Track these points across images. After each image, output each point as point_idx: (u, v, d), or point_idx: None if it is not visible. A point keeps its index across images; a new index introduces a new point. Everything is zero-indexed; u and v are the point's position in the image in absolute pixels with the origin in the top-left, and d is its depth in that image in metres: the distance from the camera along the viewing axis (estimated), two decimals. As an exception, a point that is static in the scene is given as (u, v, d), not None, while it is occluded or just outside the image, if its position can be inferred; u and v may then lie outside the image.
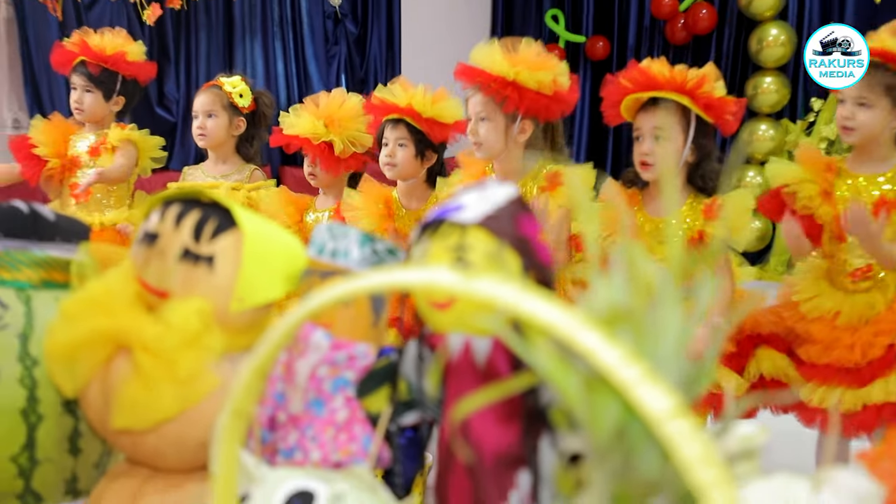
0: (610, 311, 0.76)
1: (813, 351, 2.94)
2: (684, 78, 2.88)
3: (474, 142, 3.08)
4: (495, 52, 3.03)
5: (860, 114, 2.90)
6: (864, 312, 2.88)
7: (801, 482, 0.97)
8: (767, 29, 7.34)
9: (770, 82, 7.31)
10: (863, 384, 2.84)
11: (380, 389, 1.27)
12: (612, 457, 0.75)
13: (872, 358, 2.84)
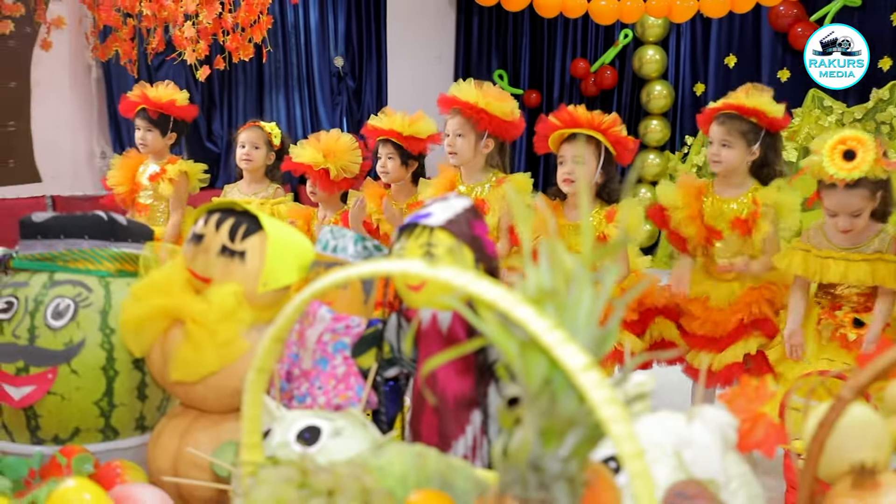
0: (538, 291, 0.74)
1: (694, 324, 2.95)
2: (600, 120, 2.92)
3: (451, 152, 3.14)
4: (470, 88, 3.11)
5: (724, 152, 2.91)
6: (728, 297, 2.90)
7: (679, 416, 0.96)
8: (653, 85, 7.37)
9: (656, 124, 7.35)
10: (721, 349, 2.85)
11: (369, 350, 1.26)
12: (540, 400, 0.74)
13: (727, 329, 2.85)
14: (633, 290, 0.79)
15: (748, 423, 1.00)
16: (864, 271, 2.49)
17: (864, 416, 0.92)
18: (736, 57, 7.10)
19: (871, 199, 2.47)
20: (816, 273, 2.58)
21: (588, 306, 0.75)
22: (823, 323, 2.61)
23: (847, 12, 6.62)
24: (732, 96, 2.97)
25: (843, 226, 2.49)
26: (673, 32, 7.35)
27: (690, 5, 5.99)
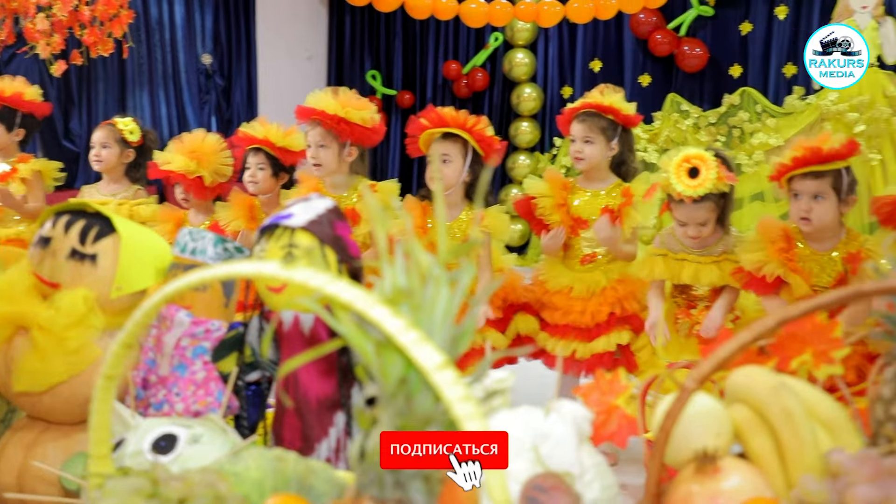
0: (394, 292, 0.74)
1: (556, 315, 3.03)
2: (466, 119, 2.95)
3: (315, 164, 3.09)
4: (328, 97, 3.07)
5: (586, 148, 3.02)
6: (590, 287, 2.99)
7: (537, 411, 0.99)
8: (523, 88, 7.54)
9: (526, 126, 7.52)
10: (591, 339, 2.94)
11: (230, 355, 1.23)
12: (397, 399, 0.74)
13: (599, 321, 2.95)
14: (487, 288, 0.80)
15: (602, 416, 1.03)
16: (714, 273, 2.65)
17: (707, 406, 0.96)
18: (601, 62, 7.34)
19: (715, 210, 2.63)
20: (675, 275, 2.72)
21: (444, 305, 0.76)
22: (681, 321, 2.74)
23: (701, 21, 6.97)
24: (589, 96, 3.11)
25: (692, 234, 2.65)
26: (541, 36, 7.53)
27: (557, 10, 6.16)
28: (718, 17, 6.94)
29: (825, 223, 2.47)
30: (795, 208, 2.49)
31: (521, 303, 3.12)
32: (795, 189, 2.49)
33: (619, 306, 2.94)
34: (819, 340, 1.03)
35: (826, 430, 0.96)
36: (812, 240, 2.54)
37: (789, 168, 2.49)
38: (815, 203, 2.45)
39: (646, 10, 6.54)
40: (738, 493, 0.88)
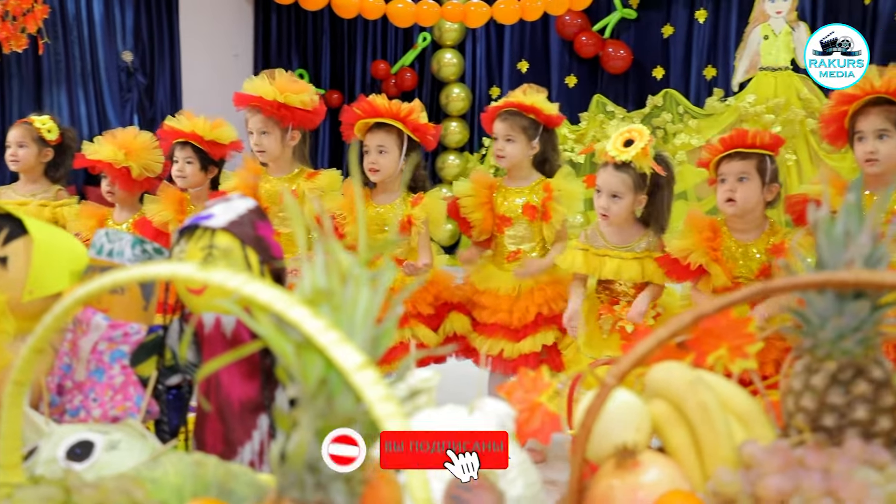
0: (314, 292, 0.74)
1: (484, 314, 3.06)
2: (399, 108, 3.00)
3: (258, 150, 3.09)
4: (265, 83, 3.09)
5: (508, 146, 3.07)
6: (517, 286, 3.03)
7: (461, 409, 0.99)
8: (452, 88, 7.57)
9: (455, 126, 7.55)
10: (518, 339, 2.97)
11: (149, 358, 1.20)
12: (317, 401, 0.73)
13: (526, 322, 2.98)
14: (409, 288, 0.80)
15: (526, 413, 1.04)
16: (634, 269, 2.71)
17: (627, 401, 0.98)
18: (528, 62, 7.42)
19: (632, 189, 2.67)
20: (595, 269, 2.76)
21: (365, 305, 0.76)
22: (604, 317, 2.79)
23: (624, 24, 7.11)
24: (512, 95, 3.16)
25: (601, 204, 2.69)
26: (469, 37, 7.58)
27: (484, 11, 6.21)
28: (641, 20, 7.09)
29: (749, 205, 2.57)
30: (721, 191, 2.59)
31: (455, 302, 3.15)
32: (722, 172, 2.60)
33: (546, 307, 2.98)
34: (734, 336, 1.06)
35: (741, 423, 0.99)
36: (737, 230, 2.62)
37: (719, 151, 2.61)
38: (739, 184, 2.56)
39: (571, 12, 6.64)
40: (657, 486, 0.90)
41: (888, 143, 2.45)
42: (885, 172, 2.50)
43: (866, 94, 2.49)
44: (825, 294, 0.92)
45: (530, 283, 3.02)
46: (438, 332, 3.13)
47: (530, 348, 2.96)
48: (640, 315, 2.65)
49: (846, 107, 2.56)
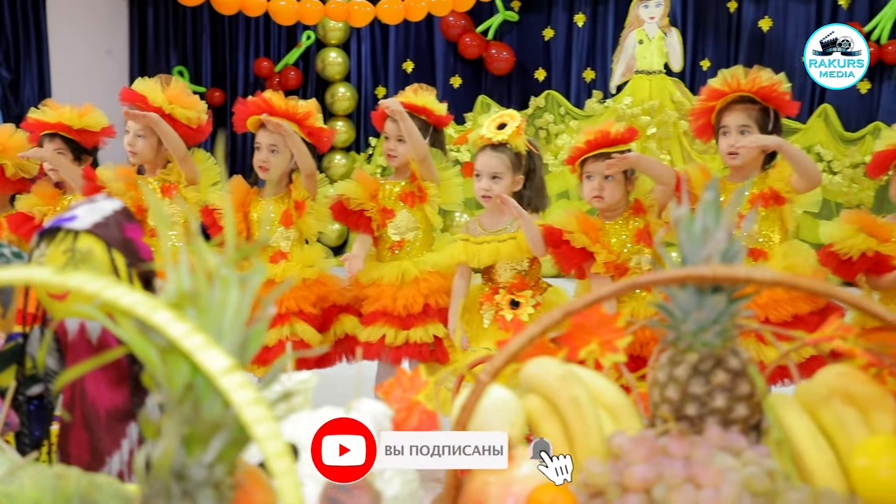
0: (178, 295, 0.72)
1: (367, 304, 3.06)
2: (295, 108, 2.99)
3: (132, 151, 3.03)
4: (156, 88, 3.05)
5: (399, 147, 3.09)
6: (400, 275, 3.04)
7: (337, 410, 0.98)
8: (337, 87, 7.51)
9: (341, 125, 7.49)
10: (405, 327, 2.98)
11: (8, 368, 1.14)
12: (183, 406, 0.71)
13: (413, 311, 2.99)
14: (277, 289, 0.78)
15: (403, 413, 1.04)
16: (511, 246, 2.78)
17: (501, 397, 1.00)
18: (413, 63, 7.45)
19: (510, 169, 2.75)
20: (474, 257, 2.82)
21: (233, 308, 0.74)
22: (485, 307, 2.83)
23: (507, 26, 7.23)
24: (403, 95, 3.17)
25: (483, 186, 2.76)
26: (354, 36, 7.53)
27: (368, 11, 6.18)
28: (523, 23, 7.22)
29: (616, 200, 2.76)
30: (588, 188, 2.77)
31: (344, 304, 3.13)
32: (588, 171, 2.77)
33: (433, 298, 3.00)
34: (604, 331, 1.09)
35: (610, 415, 1.02)
36: (606, 216, 2.82)
37: (584, 151, 2.76)
38: (605, 182, 2.73)
39: (455, 13, 6.69)
40: (531, 480, 0.91)
41: (749, 138, 2.63)
42: (745, 166, 2.70)
43: (733, 91, 2.65)
44: (687, 288, 0.96)
45: (414, 272, 3.04)
46: (328, 334, 3.10)
47: (421, 338, 2.97)
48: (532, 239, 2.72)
49: (714, 102, 2.73)
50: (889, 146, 2.60)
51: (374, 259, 3.16)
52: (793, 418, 0.93)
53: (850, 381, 0.96)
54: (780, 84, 2.68)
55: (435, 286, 3.01)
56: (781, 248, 2.66)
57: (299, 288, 2.99)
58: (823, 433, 0.93)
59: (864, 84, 6.61)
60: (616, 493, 0.86)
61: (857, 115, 6.59)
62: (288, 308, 2.93)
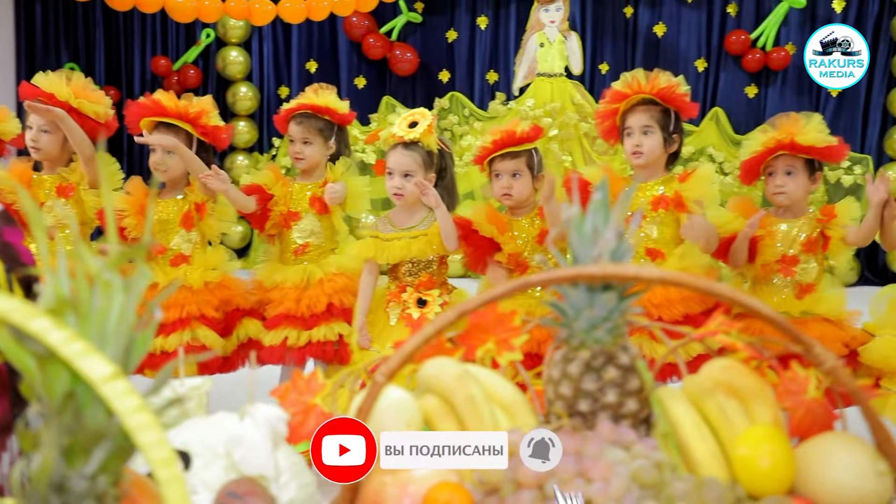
0: (57, 300, 0.69)
1: (271, 308, 3.02)
2: (187, 108, 2.93)
3: (35, 148, 2.95)
4: (60, 82, 2.97)
5: (306, 150, 3.08)
6: (304, 277, 3.01)
7: (232, 416, 0.96)
8: (239, 87, 7.37)
9: (244, 126, 7.35)
10: (308, 328, 2.95)
11: None
12: (64, 416, 0.68)
13: (316, 311, 2.96)
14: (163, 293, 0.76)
15: (300, 416, 1.03)
16: (422, 242, 2.79)
17: (398, 397, 1.00)
18: (317, 63, 7.37)
19: (422, 167, 2.76)
20: (382, 254, 2.82)
21: (117, 313, 0.72)
22: (392, 305, 2.83)
23: (411, 27, 7.24)
24: (304, 96, 3.14)
25: (395, 185, 2.77)
26: (255, 35, 7.40)
27: (269, 9, 6.09)
28: (427, 24, 7.25)
29: (524, 196, 2.82)
30: (498, 186, 2.82)
31: (248, 308, 3.07)
32: (496, 169, 2.83)
33: (337, 297, 2.98)
34: (501, 330, 1.10)
35: (506, 413, 1.03)
36: (512, 216, 2.87)
37: (491, 150, 2.81)
38: (514, 180, 2.80)
39: (358, 13, 6.66)
40: (427, 480, 0.92)
41: (651, 138, 2.74)
42: (648, 165, 2.80)
43: (635, 93, 2.74)
44: (578, 287, 0.98)
45: (319, 273, 3.02)
46: (231, 339, 3.04)
47: (325, 336, 2.95)
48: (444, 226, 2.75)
49: (617, 104, 2.80)
50: (752, 153, 2.73)
51: (276, 262, 3.12)
52: (679, 411, 0.96)
53: (733, 374, 1.00)
54: (678, 86, 2.78)
55: (339, 286, 2.99)
56: (678, 250, 2.76)
57: (201, 292, 2.92)
58: (708, 424, 0.96)
59: (751, 89, 6.91)
60: (510, 490, 0.88)
61: (745, 118, 6.88)
62: (189, 312, 2.86)
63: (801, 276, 2.70)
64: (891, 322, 2.66)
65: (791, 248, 2.70)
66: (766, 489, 0.87)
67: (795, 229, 2.72)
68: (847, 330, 2.67)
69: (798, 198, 2.72)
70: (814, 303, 2.68)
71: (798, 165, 2.68)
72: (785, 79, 6.93)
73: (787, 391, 0.97)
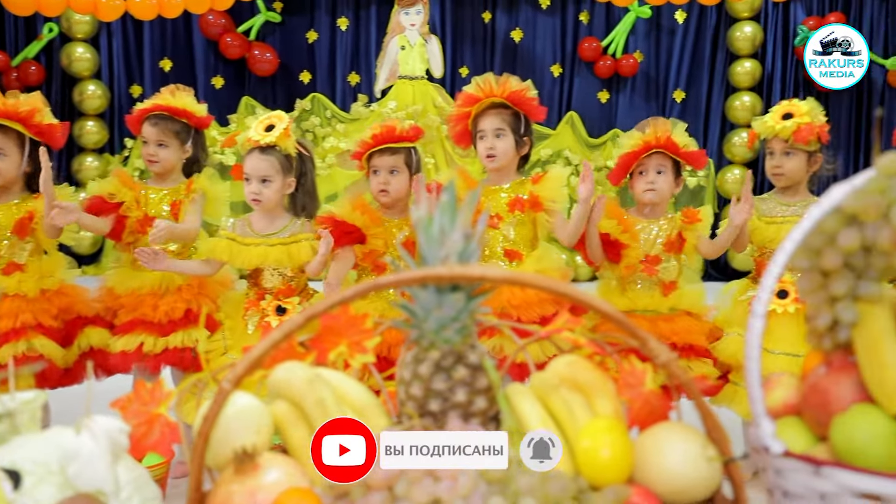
0: None
1: (122, 314, 2.89)
2: (16, 107, 2.79)
3: None
4: None
5: (161, 152, 3.00)
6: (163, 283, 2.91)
7: (68, 429, 0.92)
8: (86, 85, 7.01)
9: (92, 125, 7.01)
10: (165, 334, 2.84)
11: None
12: None
13: (174, 318, 2.86)
14: None
15: (143, 427, 0.99)
16: (280, 252, 2.74)
17: (247, 404, 0.98)
18: (171, 61, 7.13)
19: (280, 172, 2.72)
20: (238, 258, 2.75)
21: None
22: (250, 313, 2.76)
23: (270, 27, 7.12)
24: (160, 97, 3.02)
25: (252, 190, 2.71)
26: (104, 31, 7.07)
27: (117, 4, 5.83)
28: (286, 24, 7.14)
29: (401, 194, 2.80)
30: (375, 182, 2.80)
31: (91, 315, 2.92)
32: (374, 165, 2.81)
33: (195, 302, 2.89)
34: (353, 332, 1.10)
35: (358, 415, 1.03)
36: (386, 210, 2.83)
37: (371, 145, 2.80)
38: (391, 177, 2.79)
39: (214, 11, 6.48)
40: (276, 486, 0.90)
41: (504, 140, 2.79)
42: (502, 168, 2.84)
43: (487, 97, 2.78)
44: (427, 288, 0.99)
45: (179, 280, 2.91)
46: (72, 348, 2.88)
47: (182, 342, 2.84)
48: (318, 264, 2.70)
49: (469, 108, 2.84)
50: (629, 149, 2.83)
51: (129, 268, 2.98)
52: (526, 407, 0.99)
53: (577, 370, 1.04)
54: (527, 90, 2.84)
55: (197, 290, 2.90)
56: (535, 252, 2.83)
57: (37, 300, 2.76)
58: (553, 419, 0.99)
59: (603, 94, 7.19)
60: (360, 493, 0.87)
61: (598, 122, 7.15)
62: (24, 322, 2.69)
63: (663, 274, 2.81)
64: (735, 318, 2.83)
65: (653, 248, 2.82)
66: (606, 479, 0.90)
67: (656, 229, 2.84)
68: (706, 323, 2.82)
69: (665, 197, 2.84)
70: (678, 299, 2.81)
71: (668, 166, 2.80)
72: (634, 85, 7.24)
73: (627, 384, 1.01)
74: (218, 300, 2.94)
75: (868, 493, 0.81)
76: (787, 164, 2.86)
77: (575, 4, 7.17)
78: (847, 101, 7.07)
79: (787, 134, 2.82)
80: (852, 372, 0.92)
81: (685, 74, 7.21)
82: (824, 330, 0.95)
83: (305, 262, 2.73)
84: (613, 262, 2.82)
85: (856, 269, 0.92)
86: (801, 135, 2.79)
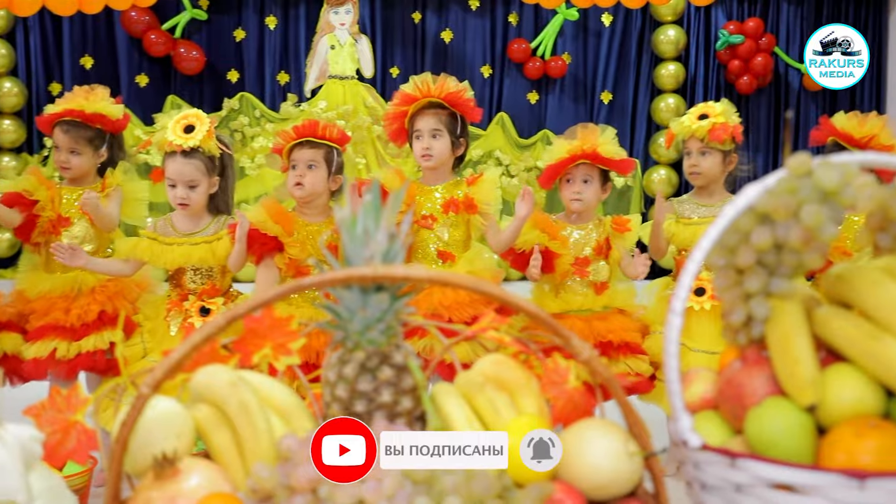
0: None
1: (34, 319, 2.81)
2: None
3: None
4: None
5: (73, 159, 2.98)
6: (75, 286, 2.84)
7: (-24, 440, 0.89)
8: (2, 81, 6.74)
9: (9, 124, 6.76)
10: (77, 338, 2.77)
11: None
12: None
13: (87, 321, 2.79)
14: None
15: (58, 434, 0.97)
16: (203, 250, 2.70)
17: (167, 409, 0.96)
18: (92, 58, 6.93)
19: (206, 174, 2.68)
20: (160, 258, 2.71)
21: None
22: (172, 314, 2.72)
23: (196, 25, 6.98)
24: (72, 100, 2.94)
25: (180, 195, 2.67)
26: (20, 26, 6.84)
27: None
28: (213, 22, 7.02)
29: (316, 191, 2.75)
30: (292, 176, 2.75)
31: (5, 321, 2.82)
32: (294, 159, 2.76)
33: (110, 304, 2.82)
34: (277, 334, 1.09)
35: (282, 418, 1.02)
36: (305, 214, 2.79)
37: (292, 138, 2.76)
38: (308, 171, 2.74)
39: (137, 8, 6.33)
40: (197, 492, 0.89)
41: (440, 141, 2.81)
42: (437, 167, 2.86)
43: (424, 96, 2.79)
44: (352, 289, 0.99)
45: (92, 281, 2.84)
46: None
47: (95, 346, 2.77)
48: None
49: (406, 107, 2.84)
50: (556, 160, 2.87)
51: (41, 270, 2.89)
52: (451, 405, 0.99)
53: (502, 368, 1.04)
54: (465, 91, 2.86)
55: (112, 291, 2.83)
56: (468, 253, 2.85)
57: None
58: (479, 417, 1.00)
59: (533, 95, 7.26)
60: (284, 496, 0.87)
61: (528, 123, 7.21)
62: None
63: (594, 275, 2.87)
64: (659, 316, 2.90)
65: (583, 252, 2.86)
66: (530, 476, 0.91)
67: (585, 233, 2.89)
68: (638, 321, 2.88)
69: (592, 205, 2.90)
70: (611, 297, 2.87)
71: (595, 175, 2.85)
72: (563, 86, 7.33)
73: (551, 381, 1.02)
74: (136, 302, 2.88)
75: (781, 483, 0.83)
76: (703, 163, 2.95)
77: (504, 6, 7.22)
78: (765, 103, 7.28)
79: (703, 133, 2.91)
80: (765, 366, 0.94)
81: (612, 76, 7.32)
82: (739, 326, 0.98)
83: (228, 257, 2.70)
84: (547, 273, 2.86)
85: (768, 267, 0.95)
86: (716, 134, 2.89)
